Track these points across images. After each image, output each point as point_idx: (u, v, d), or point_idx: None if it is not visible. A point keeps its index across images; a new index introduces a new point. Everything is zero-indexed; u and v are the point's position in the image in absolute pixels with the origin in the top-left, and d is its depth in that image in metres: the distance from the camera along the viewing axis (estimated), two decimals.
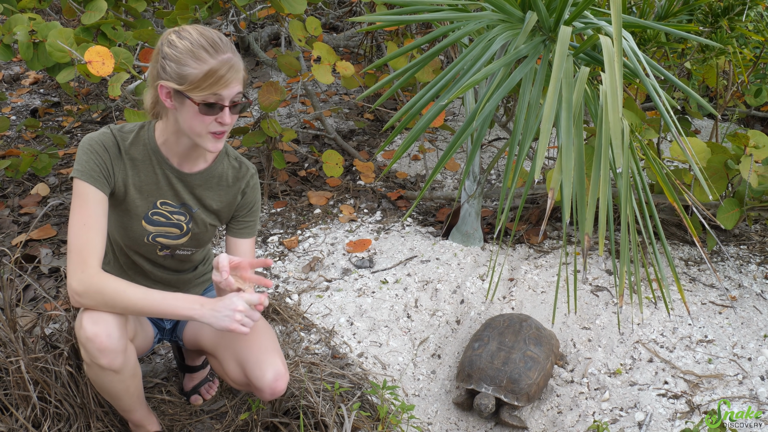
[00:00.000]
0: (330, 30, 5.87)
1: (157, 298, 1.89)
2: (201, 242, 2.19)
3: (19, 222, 3.54)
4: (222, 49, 1.86)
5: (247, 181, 2.16)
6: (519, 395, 2.51)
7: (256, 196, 2.20)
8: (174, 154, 2.04)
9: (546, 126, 1.77)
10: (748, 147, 2.81)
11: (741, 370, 2.58)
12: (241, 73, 1.90)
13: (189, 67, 1.84)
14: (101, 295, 1.86)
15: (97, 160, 1.95)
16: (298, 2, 3.17)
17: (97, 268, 1.89)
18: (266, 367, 2.08)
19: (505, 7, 2.26)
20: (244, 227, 2.20)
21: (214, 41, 1.87)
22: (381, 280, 3.09)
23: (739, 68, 3.19)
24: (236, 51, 1.92)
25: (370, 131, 4.67)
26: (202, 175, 2.09)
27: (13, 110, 5.01)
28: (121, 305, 1.88)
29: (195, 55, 1.84)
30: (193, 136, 1.93)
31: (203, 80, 1.83)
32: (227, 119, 1.90)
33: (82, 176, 1.93)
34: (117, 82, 2.69)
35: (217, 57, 1.85)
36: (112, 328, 1.90)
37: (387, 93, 2.38)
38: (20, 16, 2.81)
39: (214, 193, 2.12)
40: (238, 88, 1.90)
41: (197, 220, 2.13)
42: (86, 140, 1.97)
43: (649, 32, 2.83)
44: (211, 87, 1.84)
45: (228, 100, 1.88)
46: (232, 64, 1.87)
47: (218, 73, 1.84)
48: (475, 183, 3.25)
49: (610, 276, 3.09)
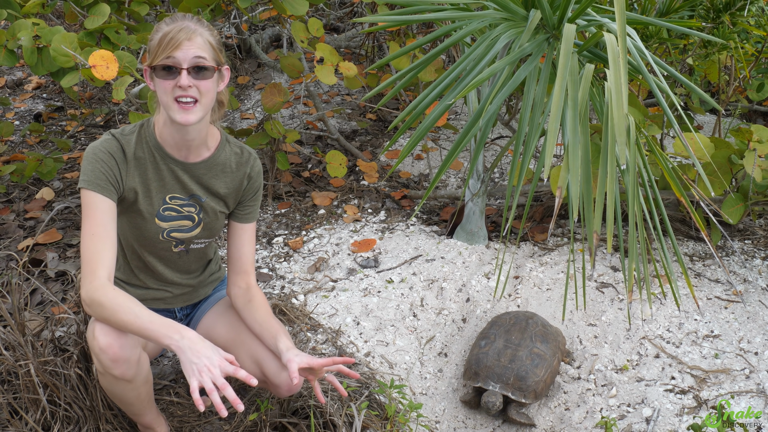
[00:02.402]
0: (331, 31, 5.88)
1: (144, 321, 1.83)
2: (213, 231, 2.22)
3: (25, 226, 3.55)
4: (179, 20, 1.93)
5: (251, 166, 2.19)
6: (526, 392, 2.51)
7: (261, 181, 2.24)
8: (173, 146, 2.06)
9: (553, 125, 1.77)
10: (752, 142, 2.82)
11: (748, 364, 2.59)
12: (199, 38, 1.92)
13: (152, 41, 1.92)
14: (101, 309, 1.86)
15: (103, 168, 1.96)
16: (300, 4, 3.18)
17: (104, 279, 1.88)
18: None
19: (508, 6, 2.26)
20: (249, 212, 2.24)
21: (176, 16, 1.95)
22: (386, 280, 3.10)
23: (741, 63, 3.19)
24: (203, 23, 1.96)
25: (373, 131, 4.67)
26: (206, 163, 2.11)
27: (17, 115, 5.02)
28: (114, 323, 1.86)
29: (156, 29, 1.93)
30: (166, 109, 1.96)
31: (158, 45, 1.89)
32: (184, 81, 1.90)
33: (88, 186, 1.94)
34: (121, 85, 2.70)
35: (172, 24, 1.91)
36: (125, 338, 1.91)
37: (390, 93, 2.39)
38: (24, 21, 2.82)
39: (220, 180, 2.14)
40: (195, 51, 1.91)
41: (207, 209, 2.15)
42: (90, 149, 1.99)
43: (651, 28, 2.84)
44: (165, 50, 1.89)
45: (185, 62, 1.90)
46: (184, 27, 1.91)
47: (169, 36, 1.88)
48: (479, 181, 3.25)
49: (615, 272, 3.09)
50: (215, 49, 1.96)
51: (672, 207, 3.33)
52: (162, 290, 2.28)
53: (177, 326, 1.82)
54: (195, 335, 1.81)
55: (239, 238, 2.24)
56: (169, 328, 1.81)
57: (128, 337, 1.90)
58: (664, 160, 2.22)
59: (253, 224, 2.26)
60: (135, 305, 1.85)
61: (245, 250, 2.24)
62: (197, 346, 1.78)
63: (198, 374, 1.74)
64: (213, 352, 1.78)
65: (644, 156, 2.15)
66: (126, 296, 1.87)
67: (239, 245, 2.24)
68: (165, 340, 1.80)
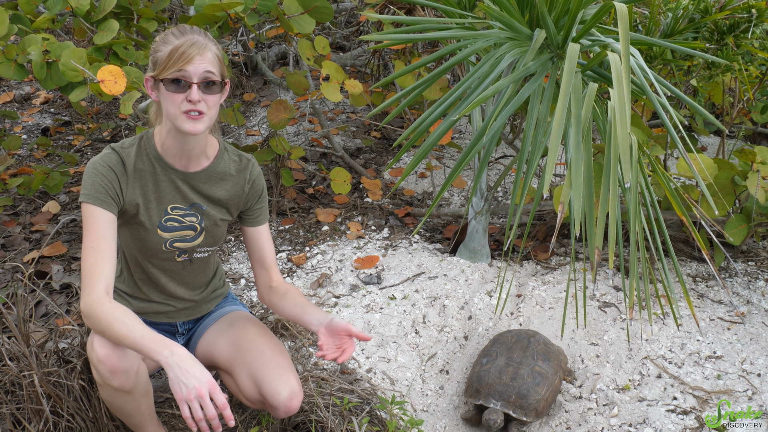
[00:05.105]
0: (337, 49, 5.92)
1: (136, 336, 1.83)
2: (216, 239, 2.23)
3: (31, 239, 3.57)
4: (188, 33, 1.96)
5: (251, 171, 2.23)
6: (527, 411, 2.51)
7: (263, 182, 2.27)
8: (174, 155, 2.08)
9: (555, 142, 1.79)
10: (755, 163, 2.83)
11: (750, 385, 2.58)
12: (209, 53, 1.95)
13: (159, 52, 1.94)
14: (97, 321, 1.87)
15: (103, 182, 1.98)
16: (307, 22, 3.21)
17: (102, 291, 1.89)
18: (281, 386, 2.10)
19: (513, 25, 2.29)
20: (258, 215, 2.28)
21: (184, 28, 1.98)
22: (389, 296, 3.11)
23: (745, 85, 3.21)
24: (209, 37, 1.99)
25: (377, 149, 4.70)
26: (206, 172, 2.14)
27: (25, 129, 5.05)
28: (109, 335, 1.87)
29: (164, 41, 1.96)
30: (172, 119, 1.98)
31: (168, 59, 1.91)
32: (195, 95, 1.93)
33: (88, 199, 1.97)
34: (129, 100, 2.73)
35: (182, 38, 1.94)
36: (124, 350, 1.92)
37: (395, 111, 2.41)
38: (34, 36, 2.85)
39: (221, 187, 2.17)
40: (206, 65, 1.94)
41: (208, 217, 2.17)
42: (90, 164, 2.01)
43: (655, 49, 2.86)
44: (175, 63, 1.91)
45: (195, 77, 1.93)
46: (195, 41, 1.93)
47: (180, 50, 1.91)
48: (483, 200, 3.26)
49: (617, 292, 3.09)
50: (221, 62, 1.99)
51: (675, 227, 3.33)
52: (165, 304, 2.29)
53: (168, 343, 1.82)
54: (185, 353, 1.81)
55: (257, 242, 2.30)
56: (159, 343, 1.81)
57: (127, 348, 1.91)
58: (667, 180, 2.23)
59: (265, 225, 2.31)
60: (129, 319, 1.85)
61: (265, 252, 2.31)
62: (186, 365, 1.78)
63: (187, 398, 1.76)
64: (202, 373, 1.79)
65: (647, 175, 2.16)
66: (122, 310, 1.87)
67: (258, 248, 2.31)
68: (155, 355, 1.80)
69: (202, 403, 1.76)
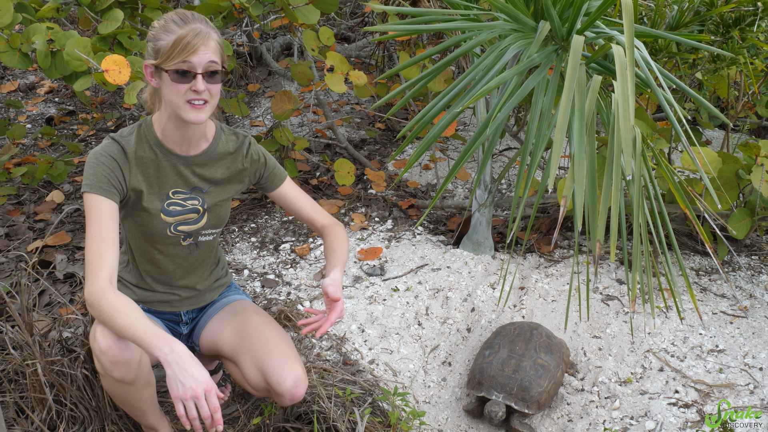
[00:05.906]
0: (342, 40, 5.91)
1: (138, 329, 1.82)
2: (220, 220, 2.24)
3: (35, 228, 3.58)
4: (190, 21, 1.95)
5: (247, 146, 2.24)
6: (529, 403, 2.52)
7: (261, 151, 2.28)
8: (175, 141, 2.09)
9: (559, 135, 1.78)
10: (760, 157, 2.82)
11: (752, 379, 2.58)
12: (213, 42, 1.96)
13: (161, 41, 1.93)
14: (100, 311, 1.87)
15: (104, 171, 1.99)
16: (312, 12, 3.20)
17: (106, 281, 1.89)
18: (287, 373, 2.11)
19: (518, 17, 2.28)
20: (273, 179, 2.30)
21: (185, 15, 1.97)
22: (392, 288, 3.11)
23: (750, 79, 3.20)
24: (210, 24, 1.99)
25: (382, 141, 4.69)
26: (206, 154, 2.15)
27: (29, 118, 5.06)
28: (111, 326, 1.87)
29: (166, 29, 1.94)
30: (175, 108, 1.98)
31: (172, 49, 1.91)
32: (200, 86, 1.94)
33: (90, 189, 1.97)
34: (133, 90, 2.73)
35: (185, 27, 1.93)
36: (126, 341, 1.92)
37: (399, 103, 2.41)
38: (39, 25, 2.85)
39: (221, 166, 2.19)
40: (210, 56, 1.95)
41: (210, 198, 2.19)
42: (92, 155, 2.02)
43: (660, 42, 2.85)
44: (180, 54, 1.91)
45: (200, 67, 1.94)
46: (199, 31, 1.93)
47: (185, 40, 1.91)
48: (486, 192, 3.26)
49: (620, 285, 3.09)
50: (222, 50, 2.01)
51: (679, 221, 3.33)
52: (169, 293, 2.30)
53: (169, 339, 1.81)
54: (185, 351, 1.80)
55: (287, 201, 2.33)
56: (160, 339, 1.80)
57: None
58: (671, 173, 2.23)
59: (286, 182, 2.32)
60: (132, 311, 1.84)
61: (299, 205, 2.34)
62: (185, 364, 1.78)
63: (183, 396, 1.76)
64: (201, 373, 1.78)
65: (650, 168, 2.16)
66: (125, 301, 1.87)
67: (291, 205, 2.34)
68: (155, 351, 1.79)
69: (198, 404, 1.76)
